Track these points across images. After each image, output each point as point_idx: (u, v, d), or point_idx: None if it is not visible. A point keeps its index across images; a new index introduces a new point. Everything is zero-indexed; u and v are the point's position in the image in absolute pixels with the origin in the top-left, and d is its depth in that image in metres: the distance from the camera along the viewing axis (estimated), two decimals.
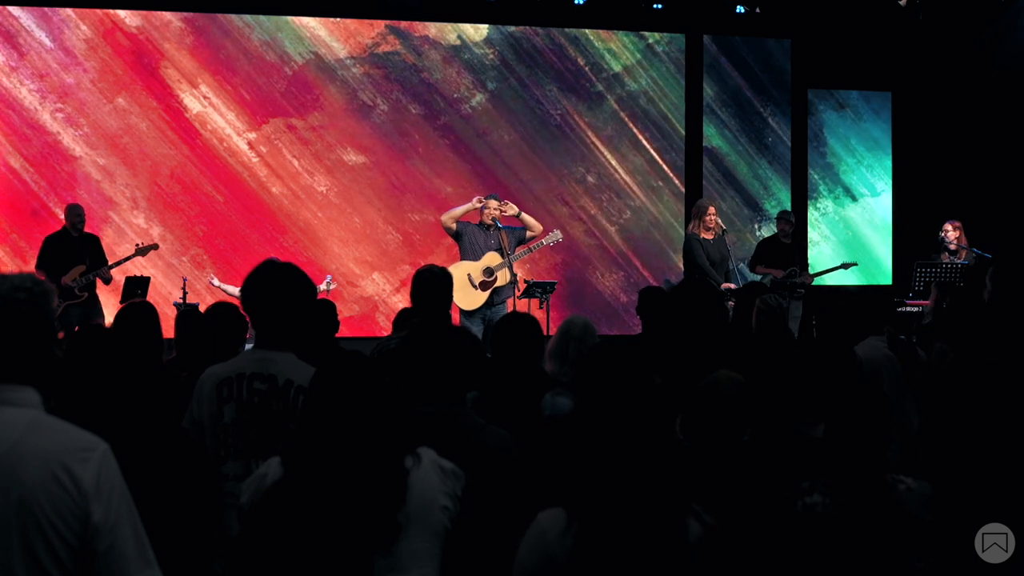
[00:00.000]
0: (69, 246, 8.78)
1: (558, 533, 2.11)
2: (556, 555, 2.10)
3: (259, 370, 3.08)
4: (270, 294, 3.08)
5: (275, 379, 3.07)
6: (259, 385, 3.06)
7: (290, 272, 3.13)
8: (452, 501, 2.45)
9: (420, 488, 2.39)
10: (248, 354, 3.16)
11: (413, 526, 2.37)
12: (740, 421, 2.84)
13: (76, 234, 8.83)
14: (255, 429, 3.06)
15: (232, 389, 3.09)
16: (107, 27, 10.18)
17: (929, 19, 11.11)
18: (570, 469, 2.15)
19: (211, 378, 3.14)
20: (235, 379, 3.09)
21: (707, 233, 8.90)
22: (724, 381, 2.89)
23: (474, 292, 8.22)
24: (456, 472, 2.48)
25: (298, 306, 3.11)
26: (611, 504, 2.08)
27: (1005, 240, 9.61)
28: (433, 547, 2.41)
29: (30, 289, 1.96)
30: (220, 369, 3.15)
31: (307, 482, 2.31)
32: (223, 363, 3.19)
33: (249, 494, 2.44)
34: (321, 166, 10.60)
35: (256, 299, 3.10)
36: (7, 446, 1.86)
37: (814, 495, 2.38)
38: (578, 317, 4.21)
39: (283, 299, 3.08)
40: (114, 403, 3.46)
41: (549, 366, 4.02)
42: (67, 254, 8.73)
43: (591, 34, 11.23)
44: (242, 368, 3.11)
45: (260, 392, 3.06)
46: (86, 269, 8.72)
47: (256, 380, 3.07)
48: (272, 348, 3.11)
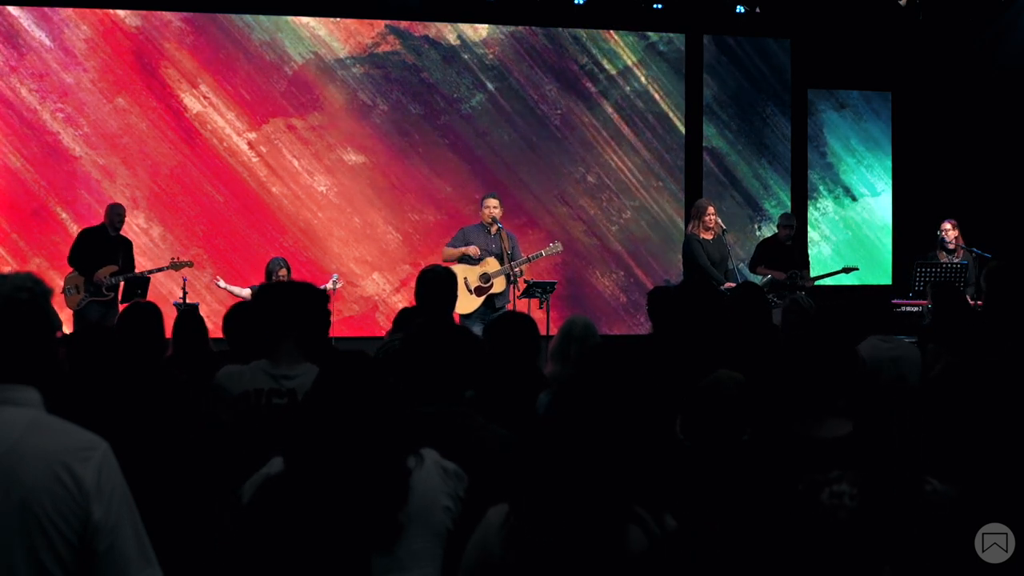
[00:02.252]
0: (105, 244, 8.85)
1: (498, 527, 2.10)
2: (494, 548, 2.09)
3: (276, 386, 3.12)
4: (288, 315, 3.11)
5: (294, 393, 3.11)
6: (278, 400, 3.10)
7: (306, 292, 3.16)
8: (454, 502, 2.45)
9: (422, 488, 2.39)
10: (262, 367, 3.19)
11: (414, 526, 2.37)
12: (740, 421, 2.85)
13: (113, 233, 8.91)
14: (272, 443, 3.07)
15: (251, 404, 3.13)
16: (107, 27, 10.18)
17: (929, 19, 11.12)
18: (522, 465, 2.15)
19: (230, 389, 3.17)
20: (253, 394, 3.14)
21: (707, 233, 8.89)
22: (724, 381, 2.89)
23: (468, 296, 8.22)
24: (458, 473, 2.49)
25: (316, 325, 3.15)
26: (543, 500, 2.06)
27: (1004, 240, 9.62)
28: (434, 548, 2.42)
29: (31, 289, 1.96)
30: (237, 381, 3.17)
31: (308, 480, 2.31)
32: (233, 371, 3.21)
33: (251, 491, 2.45)
34: (321, 166, 10.61)
35: (273, 320, 3.13)
36: (8, 446, 1.86)
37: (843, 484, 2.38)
38: (579, 317, 4.21)
39: (301, 321, 3.11)
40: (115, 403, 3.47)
41: (550, 366, 4.02)
42: (102, 251, 8.81)
43: (591, 34, 11.23)
44: (259, 383, 3.14)
45: (280, 408, 3.11)
46: (118, 270, 8.77)
47: (274, 396, 3.12)
48: (289, 363, 3.14)
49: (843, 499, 2.40)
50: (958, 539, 2.44)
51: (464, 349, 2.93)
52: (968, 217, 9.45)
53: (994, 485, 3.06)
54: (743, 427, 2.87)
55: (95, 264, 8.75)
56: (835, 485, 2.41)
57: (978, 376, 3.69)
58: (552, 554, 2.03)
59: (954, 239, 8.94)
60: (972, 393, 3.61)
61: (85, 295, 8.72)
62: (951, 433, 3.63)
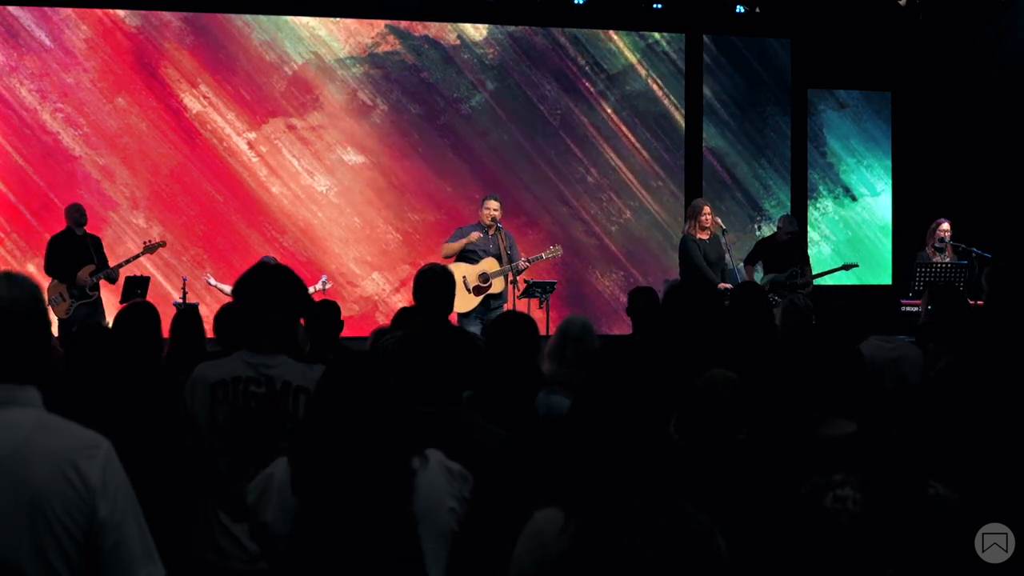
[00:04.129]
0: (76, 246, 8.79)
1: (555, 533, 2.10)
2: (553, 555, 2.09)
3: (254, 374, 3.08)
4: (263, 298, 3.08)
5: (272, 382, 3.08)
6: (255, 389, 3.07)
7: (283, 275, 3.12)
8: (459, 503, 2.44)
9: (427, 489, 2.39)
10: (242, 356, 3.15)
11: (420, 527, 2.37)
12: (736, 420, 2.85)
13: (80, 233, 8.84)
14: (250, 431, 3.07)
15: (227, 392, 3.09)
16: (107, 27, 10.18)
17: (929, 19, 11.12)
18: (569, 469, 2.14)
19: (204, 379, 3.14)
20: (230, 382, 3.09)
21: (703, 233, 8.87)
22: (719, 380, 2.89)
23: (466, 296, 8.23)
24: (463, 474, 2.48)
25: (291, 310, 3.11)
26: (610, 505, 2.08)
27: (1004, 240, 9.62)
28: (439, 548, 2.41)
29: (32, 289, 1.97)
30: (213, 371, 3.15)
31: (314, 482, 2.30)
32: (214, 362, 3.19)
33: (256, 494, 2.44)
34: (321, 166, 10.61)
35: (249, 302, 3.10)
36: (15, 446, 1.87)
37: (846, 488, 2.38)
38: (577, 317, 4.20)
39: (276, 303, 3.07)
40: (112, 402, 3.47)
41: (547, 366, 4.01)
42: (75, 254, 8.74)
43: (591, 34, 11.23)
44: (236, 372, 3.10)
45: (257, 396, 3.07)
46: (95, 268, 8.73)
47: (252, 384, 3.07)
48: (265, 351, 3.11)
49: (846, 503, 2.39)
50: (960, 543, 2.44)
51: (461, 349, 2.92)
52: (968, 217, 9.45)
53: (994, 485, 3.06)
54: (739, 426, 2.87)
55: (72, 267, 8.66)
56: (838, 489, 2.40)
57: (978, 376, 3.69)
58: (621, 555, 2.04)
59: (948, 235, 8.95)
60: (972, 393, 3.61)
61: (72, 300, 8.65)
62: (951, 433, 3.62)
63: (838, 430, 2.96)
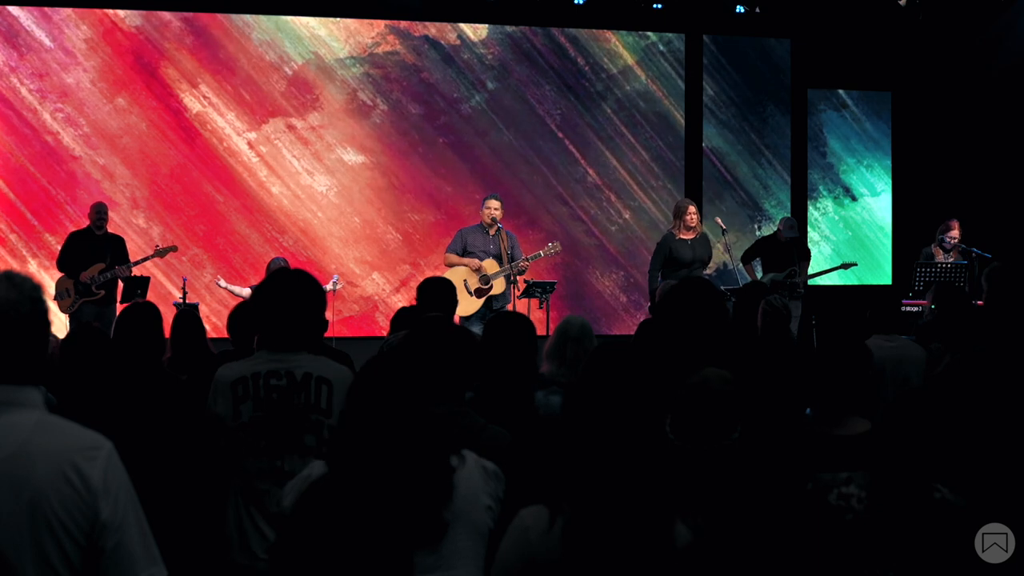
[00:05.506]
0: (91, 244, 8.84)
1: (541, 531, 2.10)
2: (539, 553, 2.09)
3: (274, 368, 3.11)
4: (284, 299, 3.11)
5: (292, 374, 3.10)
6: (276, 382, 3.10)
7: (302, 277, 3.17)
8: (494, 502, 2.48)
9: (465, 488, 2.42)
10: (261, 355, 3.19)
11: (458, 524, 2.41)
12: (730, 419, 2.84)
13: (99, 232, 8.89)
14: (275, 425, 3.09)
15: (248, 387, 3.12)
16: (107, 27, 10.18)
17: (929, 19, 11.12)
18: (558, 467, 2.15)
19: (225, 378, 3.17)
20: (250, 378, 3.12)
21: (687, 233, 8.84)
22: (713, 379, 2.88)
23: (468, 299, 8.24)
24: (498, 474, 2.52)
25: (312, 310, 3.15)
26: (600, 504, 2.07)
27: (1004, 240, 9.62)
28: (477, 546, 2.44)
29: (32, 289, 1.97)
30: (233, 370, 3.18)
31: (353, 480, 2.30)
32: (236, 362, 3.23)
33: (293, 496, 2.43)
34: (321, 166, 10.61)
35: (270, 303, 3.13)
36: (16, 447, 1.86)
37: (851, 486, 2.38)
38: (575, 317, 4.20)
39: (297, 304, 3.11)
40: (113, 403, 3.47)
41: (546, 366, 4.01)
42: (88, 251, 8.79)
43: (591, 34, 11.23)
44: (256, 368, 3.14)
45: (278, 388, 3.10)
46: (105, 267, 8.76)
47: (272, 377, 3.10)
48: (284, 350, 3.14)
49: (851, 501, 2.39)
50: (964, 545, 2.44)
51: (465, 349, 2.93)
52: (968, 217, 9.45)
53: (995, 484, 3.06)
54: (734, 425, 2.86)
55: (81, 265, 8.73)
56: (843, 487, 2.40)
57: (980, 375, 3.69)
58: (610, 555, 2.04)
59: (956, 240, 8.96)
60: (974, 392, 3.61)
61: (76, 297, 8.71)
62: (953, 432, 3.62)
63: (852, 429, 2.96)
